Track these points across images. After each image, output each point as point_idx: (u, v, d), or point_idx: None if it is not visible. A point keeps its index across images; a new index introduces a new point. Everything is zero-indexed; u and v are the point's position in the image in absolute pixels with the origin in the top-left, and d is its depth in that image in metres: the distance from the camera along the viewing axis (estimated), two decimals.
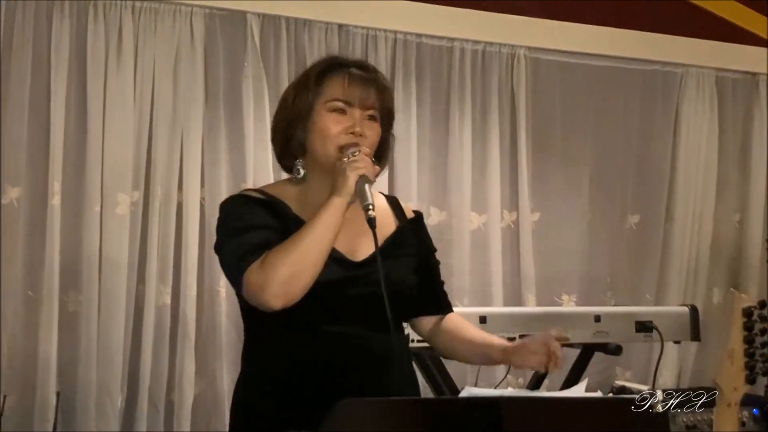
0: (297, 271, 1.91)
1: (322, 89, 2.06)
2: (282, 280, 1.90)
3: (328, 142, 2.04)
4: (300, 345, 2.01)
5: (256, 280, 1.92)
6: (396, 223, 2.17)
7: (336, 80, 2.07)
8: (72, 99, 3.33)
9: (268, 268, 1.91)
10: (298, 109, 2.07)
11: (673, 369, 4.10)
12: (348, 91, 2.05)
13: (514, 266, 3.94)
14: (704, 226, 4.22)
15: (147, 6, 3.40)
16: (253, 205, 2.05)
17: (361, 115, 2.06)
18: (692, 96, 4.21)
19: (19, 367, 3.25)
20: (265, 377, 2.04)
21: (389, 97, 2.13)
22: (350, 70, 2.08)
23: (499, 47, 3.92)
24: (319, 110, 2.06)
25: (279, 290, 1.90)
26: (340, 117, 2.05)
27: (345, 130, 2.03)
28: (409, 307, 2.14)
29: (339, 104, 2.05)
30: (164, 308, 3.39)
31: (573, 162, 4.07)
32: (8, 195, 3.26)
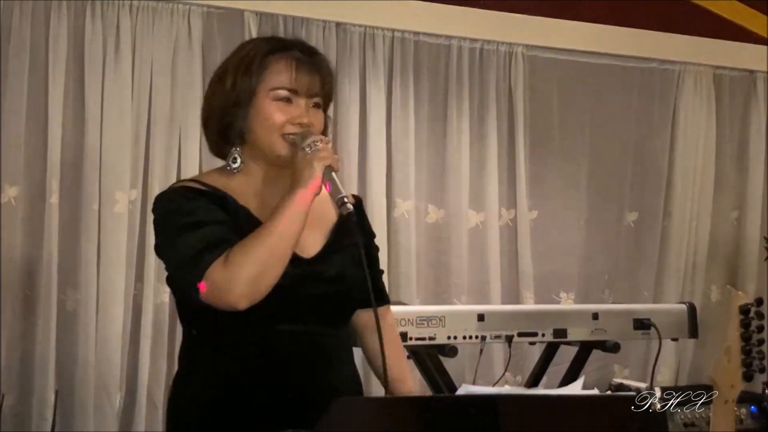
0: (264, 269, 1.82)
1: (266, 75, 1.94)
2: (249, 279, 1.80)
3: (273, 132, 1.93)
4: (251, 344, 1.92)
5: (220, 280, 1.80)
6: (337, 213, 1.97)
7: (281, 66, 1.95)
8: (70, 97, 3.33)
9: (234, 267, 1.80)
10: (238, 94, 1.94)
11: (671, 366, 4.11)
12: (295, 78, 1.94)
13: (512, 264, 3.94)
14: (702, 223, 4.23)
15: (144, 5, 3.40)
16: (200, 198, 1.92)
17: (307, 103, 1.96)
18: (690, 93, 4.21)
19: (17, 366, 3.25)
20: (214, 377, 1.95)
21: (332, 82, 2.03)
22: (295, 55, 1.96)
23: (497, 45, 3.92)
24: (263, 98, 1.94)
25: (246, 289, 1.81)
26: (286, 106, 1.94)
27: (291, 119, 1.93)
28: (356, 302, 2.05)
29: (284, 93, 1.94)
30: (162, 306, 3.39)
31: (571, 160, 4.08)
32: (6, 194, 3.26)
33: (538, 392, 1.85)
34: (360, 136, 3.69)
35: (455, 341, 3.04)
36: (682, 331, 3.39)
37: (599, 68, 4.11)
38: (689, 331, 3.39)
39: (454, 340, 3.04)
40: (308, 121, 1.95)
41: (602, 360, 3.87)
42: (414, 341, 2.96)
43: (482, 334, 3.07)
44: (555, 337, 3.19)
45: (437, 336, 3.00)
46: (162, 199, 1.98)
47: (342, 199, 1.87)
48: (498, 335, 3.10)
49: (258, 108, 1.95)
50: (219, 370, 1.95)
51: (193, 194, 1.94)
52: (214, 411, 1.93)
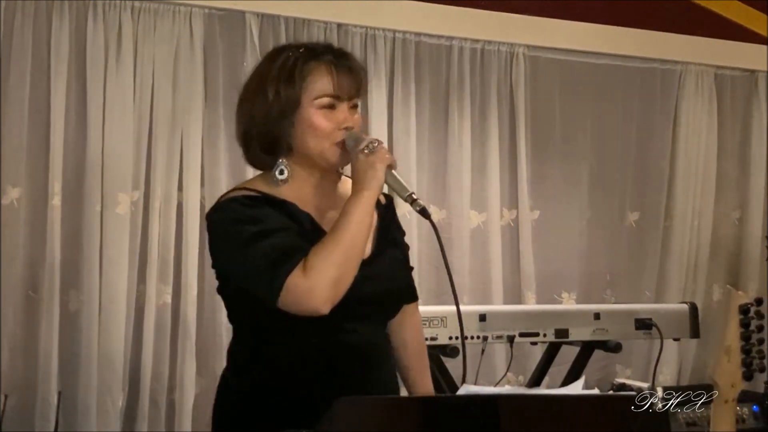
0: (343, 273, 1.86)
1: (308, 83, 1.96)
2: (330, 283, 1.85)
3: (323, 140, 1.96)
4: (312, 347, 1.97)
5: (302, 287, 1.83)
6: (376, 211, 2.04)
7: (322, 73, 1.97)
8: (72, 99, 3.33)
9: (314, 273, 1.83)
10: (283, 105, 1.95)
11: (673, 366, 4.11)
12: (337, 84, 1.97)
13: (513, 264, 3.94)
14: (704, 223, 4.23)
15: (146, 6, 3.41)
16: (262, 206, 1.95)
17: (348, 106, 2.00)
18: (691, 93, 4.21)
19: (20, 366, 3.26)
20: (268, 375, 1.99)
21: (366, 80, 2.08)
22: (332, 60, 1.99)
23: (498, 46, 3.93)
24: (307, 107, 1.96)
25: (329, 294, 1.85)
26: (330, 113, 1.97)
27: (338, 126, 1.97)
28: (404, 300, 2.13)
29: (328, 100, 1.97)
30: (165, 308, 3.40)
31: (572, 160, 4.08)
32: (9, 195, 3.26)
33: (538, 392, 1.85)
34: None
35: (457, 341, 3.04)
36: (684, 331, 3.40)
37: (600, 68, 4.11)
38: (691, 331, 3.40)
39: (456, 340, 3.04)
40: (352, 124, 1.99)
41: (604, 360, 3.87)
42: None
43: (484, 334, 3.08)
44: (557, 337, 3.20)
45: (439, 336, 3.01)
46: (220, 209, 1.98)
47: (411, 196, 1.93)
48: (499, 335, 3.11)
49: (304, 118, 1.96)
50: (273, 369, 1.98)
51: (253, 202, 1.95)
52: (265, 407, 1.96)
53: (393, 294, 2.06)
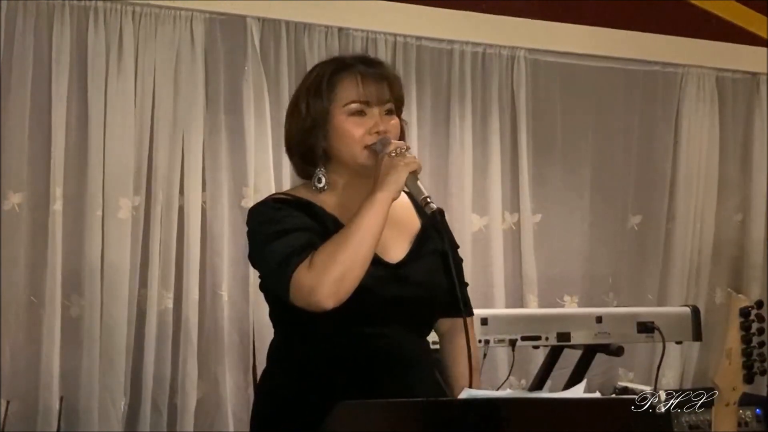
0: (348, 269, 1.90)
1: (336, 94, 2.04)
2: (334, 279, 1.89)
3: (354, 145, 2.02)
4: (335, 345, 2.00)
5: (307, 281, 1.90)
6: (420, 220, 2.14)
7: (348, 82, 2.04)
8: (73, 103, 3.34)
9: (319, 268, 1.89)
10: (314, 116, 2.04)
11: (676, 369, 4.10)
12: (363, 91, 2.03)
13: (515, 268, 3.94)
14: (706, 226, 4.22)
15: (147, 10, 3.41)
16: (287, 208, 2.03)
17: (380, 111, 2.04)
18: (693, 96, 4.21)
19: (22, 372, 3.26)
20: (297, 374, 2.04)
21: (400, 86, 2.12)
22: (360, 68, 2.06)
23: (499, 49, 3.92)
24: (338, 115, 2.03)
25: (331, 289, 1.89)
26: (361, 119, 2.03)
27: (368, 131, 2.02)
28: (440, 308, 2.13)
29: (357, 106, 2.03)
30: (166, 312, 3.40)
31: (574, 163, 4.08)
32: (10, 200, 3.27)
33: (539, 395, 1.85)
34: None
35: None
36: (686, 334, 3.39)
37: (602, 71, 4.11)
38: (693, 335, 3.39)
39: None
40: (384, 128, 2.03)
41: (607, 363, 3.86)
42: None
43: (485, 338, 3.07)
44: (558, 341, 3.19)
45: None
46: (253, 212, 2.09)
47: (426, 199, 1.96)
48: (501, 339, 3.10)
49: (335, 126, 2.04)
50: (302, 368, 2.03)
51: (280, 204, 2.06)
52: (294, 406, 2.01)
53: (424, 300, 2.06)
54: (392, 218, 2.05)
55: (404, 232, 2.11)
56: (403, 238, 2.10)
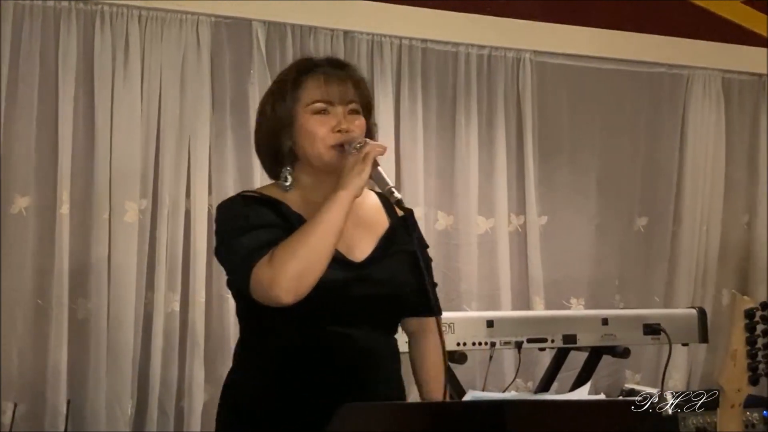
0: (307, 266, 1.92)
1: (300, 94, 2.07)
2: (292, 274, 1.90)
3: (317, 144, 2.05)
4: (300, 344, 2.02)
5: (265, 276, 1.92)
6: (389, 220, 2.16)
7: (312, 82, 2.07)
8: (79, 107, 3.35)
9: (278, 264, 1.91)
10: (279, 117, 2.08)
11: (683, 371, 4.09)
12: (326, 90, 2.06)
13: (521, 270, 3.94)
14: (712, 228, 4.22)
15: (153, 14, 3.42)
16: (254, 205, 2.06)
17: (344, 111, 2.07)
18: (699, 98, 4.21)
19: (30, 375, 3.27)
20: (263, 375, 2.05)
21: (366, 88, 2.15)
22: (324, 70, 2.09)
23: (505, 52, 3.93)
24: (302, 115, 2.06)
25: (290, 285, 1.90)
26: (324, 118, 2.05)
27: (332, 129, 2.04)
28: (406, 307, 2.14)
29: (320, 105, 2.06)
30: (173, 315, 3.40)
31: (580, 165, 4.07)
32: (17, 204, 3.28)
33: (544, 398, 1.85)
34: None
35: (465, 348, 3.04)
36: (693, 336, 3.39)
37: (607, 73, 4.11)
38: (700, 336, 3.39)
39: (464, 346, 3.04)
40: (347, 126, 2.05)
41: (613, 366, 3.86)
42: None
43: (492, 340, 3.07)
44: (565, 343, 3.19)
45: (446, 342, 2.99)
46: (221, 207, 2.13)
47: (390, 190, 1.97)
48: (507, 341, 3.11)
49: (300, 125, 2.07)
50: (268, 368, 2.04)
51: (247, 201, 2.08)
52: (260, 405, 2.02)
53: (389, 299, 2.07)
54: (360, 218, 2.09)
55: (371, 231, 2.12)
56: (370, 237, 2.11)
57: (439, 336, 2.03)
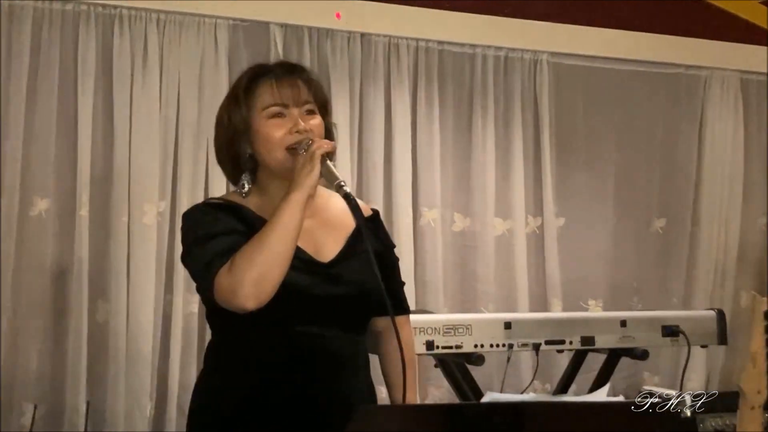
0: (265, 270, 1.91)
1: (254, 100, 2.07)
2: (252, 280, 1.90)
3: (275, 147, 2.04)
4: (268, 345, 2.02)
5: (226, 284, 1.92)
6: (355, 221, 2.12)
7: (264, 87, 2.07)
8: (99, 110, 3.37)
9: (237, 271, 1.91)
10: (235, 125, 2.07)
11: (701, 373, 4.08)
12: (278, 93, 2.05)
13: (539, 272, 3.93)
14: (731, 229, 4.20)
15: (171, 18, 3.44)
16: (215, 212, 2.06)
17: (299, 112, 2.06)
18: (717, 99, 4.19)
19: (49, 376, 3.29)
20: (232, 376, 2.05)
21: (319, 87, 2.14)
22: (276, 74, 2.08)
23: (521, 53, 3.93)
24: (258, 120, 2.06)
25: (250, 291, 1.90)
26: (280, 121, 2.05)
27: (289, 131, 2.04)
28: (373, 307, 2.12)
29: (275, 109, 2.05)
30: (191, 316, 3.42)
31: (597, 166, 4.07)
32: (37, 206, 3.30)
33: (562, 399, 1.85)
34: (385, 145, 3.70)
35: (482, 349, 3.04)
36: (712, 337, 3.37)
37: (625, 75, 4.10)
38: (718, 338, 3.37)
39: (481, 348, 3.04)
40: (304, 126, 2.04)
41: (632, 368, 3.85)
42: (441, 350, 2.96)
43: (509, 342, 3.07)
44: (583, 345, 3.18)
45: (464, 344, 3.00)
46: (185, 215, 2.12)
47: (339, 184, 1.96)
48: (525, 343, 3.10)
49: (256, 131, 2.07)
50: (237, 370, 2.04)
51: (209, 209, 2.09)
52: (230, 408, 2.02)
53: (356, 299, 2.06)
54: (325, 219, 2.10)
55: (338, 232, 2.12)
56: (336, 238, 2.11)
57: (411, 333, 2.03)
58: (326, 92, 2.17)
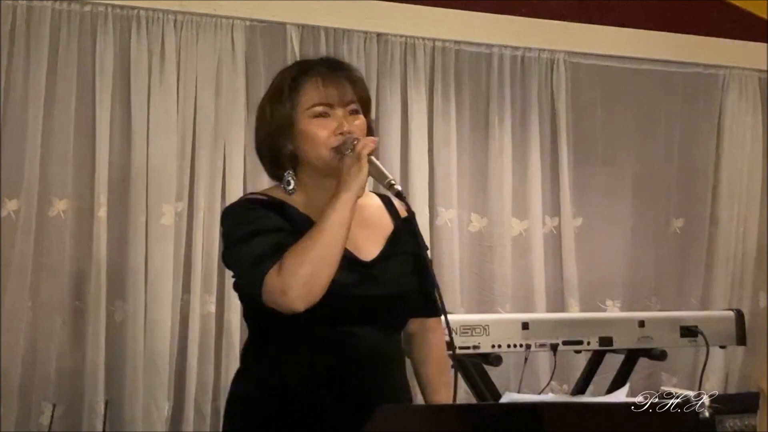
0: (317, 272, 1.91)
1: (298, 98, 2.05)
2: (303, 281, 1.90)
3: (320, 147, 2.03)
4: (307, 344, 2.01)
5: (277, 284, 1.91)
6: (392, 222, 2.16)
7: (310, 85, 2.05)
8: (116, 111, 3.38)
9: (288, 272, 1.90)
10: (278, 121, 2.06)
11: (719, 374, 4.06)
12: (324, 93, 2.04)
13: (556, 272, 3.92)
14: (749, 229, 4.18)
15: (189, 18, 3.45)
16: (260, 209, 2.04)
17: (344, 112, 2.05)
18: (735, 98, 4.17)
19: (68, 376, 3.31)
20: (270, 374, 2.04)
21: (363, 87, 2.12)
22: (321, 71, 2.07)
23: (538, 52, 3.92)
24: (302, 119, 2.04)
25: (301, 292, 1.90)
26: (325, 121, 2.03)
27: (333, 132, 2.02)
28: (410, 308, 2.13)
29: (319, 109, 2.04)
30: (209, 317, 3.43)
31: (615, 166, 4.05)
32: (55, 207, 3.32)
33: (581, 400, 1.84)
34: (402, 145, 3.70)
35: (500, 350, 3.03)
36: (730, 338, 3.35)
37: (642, 74, 4.09)
38: (737, 339, 3.35)
39: (499, 348, 3.03)
40: (348, 128, 2.03)
41: (650, 368, 3.84)
42: (458, 350, 2.95)
43: (527, 342, 3.06)
44: (601, 345, 3.17)
45: (481, 345, 3.00)
46: (227, 213, 2.11)
47: (390, 182, 1.96)
48: (543, 344, 3.09)
49: (300, 129, 2.05)
50: (275, 369, 2.04)
51: (253, 205, 2.07)
52: (269, 408, 2.01)
53: (395, 299, 2.07)
54: (365, 219, 2.08)
55: (377, 232, 2.11)
56: (376, 238, 2.10)
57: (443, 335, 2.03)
58: (367, 90, 2.14)
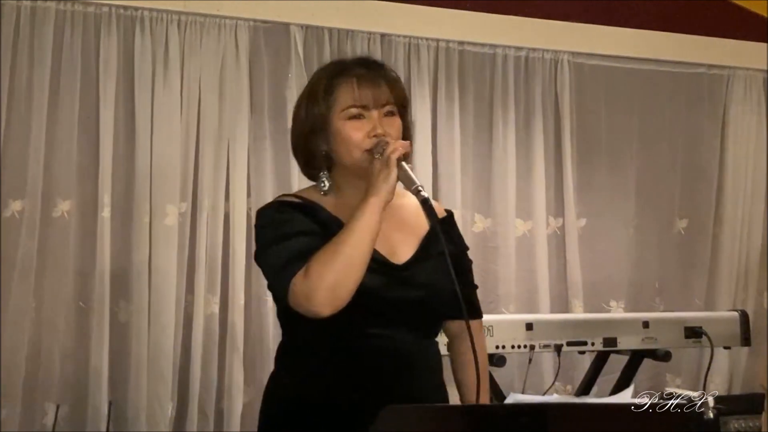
0: (342, 277, 1.90)
1: (334, 99, 2.03)
2: (328, 287, 1.89)
3: (353, 149, 2.01)
4: (339, 347, 2.01)
5: (302, 289, 1.90)
6: (428, 223, 2.11)
7: (345, 86, 2.04)
8: (120, 112, 3.39)
9: (313, 277, 1.89)
10: (313, 121, 2.05)
11: (724, 375, 4.05)
12: (360, 95, 2.02)
13: (560, 273, 3.92)
14: (754, 229, 4.17)
15: (193, 19, 3.45)
16: (291, 211, 2.04)
17: (379, 114, 2.03)
18: (740, 98, 4.17)
19: (72, 376, 3.31)
20: (303, 378, 2.04)
21: (400, 87, 2.11)
22: (357, 73, 2.05)
23: (542, 53, 3.92)
24: (337, 120, 2.03)
25: (326, 297, 1.89)
26: (359, 123, 2.02)
27: (367, 134, 2.01)
28: (444, 310, 2.12)
29: (354, 110, 2.02)
30: (213, 317, 3.43)
31: (619, 167, 4.05)
32: (59, 208, 3.32)
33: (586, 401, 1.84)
34: None
35: (504, 351, 3.03)
36: (735, 339, 3.35)
37: (646, 74, 4.08)
38: (742, 339, 3.35)
39: (503, 349, 3.03)
40: (382, 131, 2.02)
41: (654, 369, 3.83)
42: None
43: (531, 343, 3.06)
44: (605, 346, 3.17)
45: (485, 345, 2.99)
46: (259, 214, 2.10)
47: (417, 189, 1.94)
48: (547, 344, 3.09)
49: (335, 130, 2.04)
50: (308, 371, 2.04)
51: (285, 207, 2.06)
52: (300, 410, 2.01)
53: (428, 302, 2.06)
54: (401, 221, 2.07)
55: (412, 234, 2.10)
56: (411, 240, 2.09)
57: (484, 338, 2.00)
58: (404, 90, 2.13)
